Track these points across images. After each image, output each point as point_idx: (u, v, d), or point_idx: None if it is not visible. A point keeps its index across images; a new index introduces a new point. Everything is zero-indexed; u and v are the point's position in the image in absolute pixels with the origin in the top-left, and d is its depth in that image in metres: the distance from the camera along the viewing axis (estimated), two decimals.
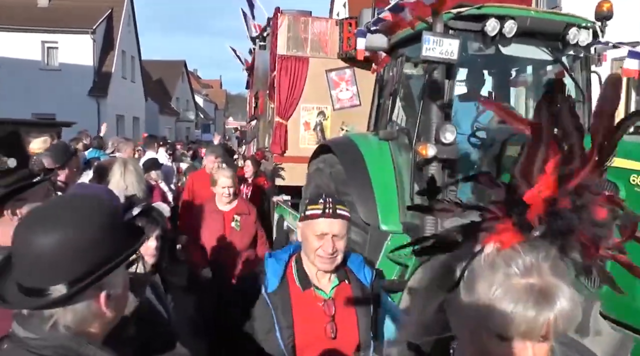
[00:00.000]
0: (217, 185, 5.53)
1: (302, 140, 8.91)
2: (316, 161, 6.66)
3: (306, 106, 8.88)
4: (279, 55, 8.71)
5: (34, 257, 1.29)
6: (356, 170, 5.87)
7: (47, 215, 1.37)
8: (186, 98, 54.61)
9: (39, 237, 1.29)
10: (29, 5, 31.94)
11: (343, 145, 6.22)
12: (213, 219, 5.53)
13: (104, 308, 1.37)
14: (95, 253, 1.33)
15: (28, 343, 1.30)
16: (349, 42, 8.75)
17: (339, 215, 2.44)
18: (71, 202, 1.49)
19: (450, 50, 4.83)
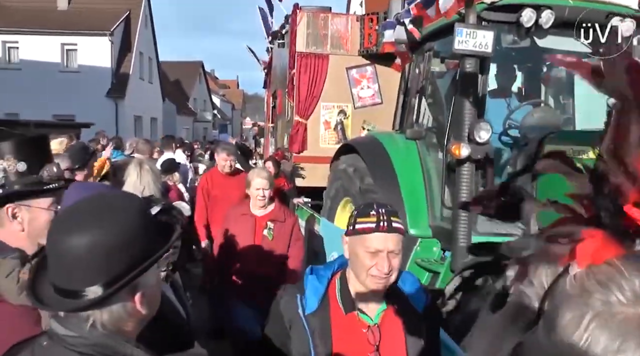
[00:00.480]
0: (251, 187, 4.86)
1: (322, 140, 8.57)
2: (339, 161, 6.32)
3: (326, 104, 8.54)
4: (298, 53, 8.38)
5: (69, 259, 1.28)
6: (382, 171, 5.52)
7: (81, 215, 1.35)
8: (203, 99, 54.46)
9: (73, 238, 1.27)
10: (48, 9, 31.99)
11: (368, 144, 5.86)
12: (242, 223, 4.84)
13: (139, 307, 1.37)
14: (130, 253, 1.32)
15: (67, 341, 1.30)
16: (370, 38, 8.40)
17: (394, 229, 2.07)
18: (103, 201, 1.46)
19: (484, 43, 4.48)
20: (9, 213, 2.08)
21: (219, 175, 6.44)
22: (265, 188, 4.80)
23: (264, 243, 4.77)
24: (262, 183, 4.80)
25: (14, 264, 1.99)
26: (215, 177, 6.43)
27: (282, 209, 5.08)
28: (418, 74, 5.99)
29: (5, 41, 30.81)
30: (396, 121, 6.30)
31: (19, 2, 31.90)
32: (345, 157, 6.16)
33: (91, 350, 1.30)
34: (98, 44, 30.97)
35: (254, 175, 4.92)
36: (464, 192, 4.65)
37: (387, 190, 5.37)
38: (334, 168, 6.42)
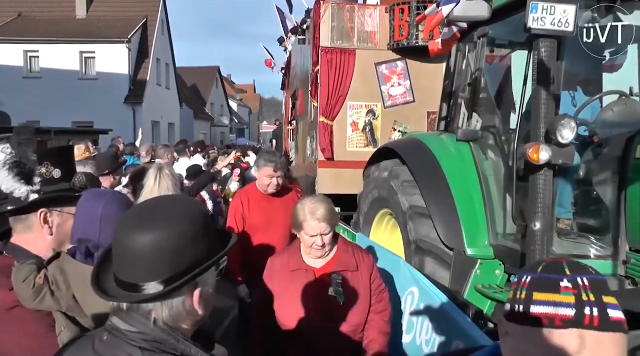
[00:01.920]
0: (304, 230, 3.04)
1: (349, 143, 7.57)
2: (375, 168, 5.32)
3: (354, 104, 7.53)
4: (322, 48, 7.38)
5: (133, 254, 1.31)
6: (431, 179, 4.51)
7: (148, 214, 1.38)
8: (220, 104, 53.75)
9: (139, 235, 1.31)
10: (68, 18, 32.02)
11: (411, 148, 4.86)
12: (295, 283, 3.10)
13: (197, 305, 1.37)
14: (193, 253, 1.34)
15: (128, 336, 1.31)
16: (401, 30, 7.38)
17: (612, 325, 1.09)
18: (170, 203, 1.50)
19: (564, 20, 3.47)
20: (41, 218, 2.09)
21: (258, 195, 4.46)
22: (325, 233, 3.00)
23: (333, 308, 3.03)
24: (319, 228, 2.98)
25: (30, 270, 1.96)
26: (254, 198, 4.47)
27: (350, 250, 3.22)
28: (468, 65, 4.98)
29: (26, 51, 30.69)
30: (441, 121, 5.28)
31: (40, 12, 32.15)
32: (382, 163, 5.16)
33: (151, 345, 1.30)
34: (116, 51, 30.69)
35: (305, 213, 3.02)
36: (541, 204, 3.63)
37: (438, 202, 4.37)
38: (369, 175, 5.43)
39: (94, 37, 30.32)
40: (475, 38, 4.71)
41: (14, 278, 1.96)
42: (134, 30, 31.21)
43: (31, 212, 2.10)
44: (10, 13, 31.95)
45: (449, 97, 5.20)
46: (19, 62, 30.29)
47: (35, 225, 2.11)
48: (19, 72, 30.02)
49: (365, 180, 5.52)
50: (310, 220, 2.97)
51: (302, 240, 3.12)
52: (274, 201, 4.39)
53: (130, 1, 33.09)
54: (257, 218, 4.39)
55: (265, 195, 4.38)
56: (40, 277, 1.93)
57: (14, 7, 32.26)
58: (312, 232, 2.98)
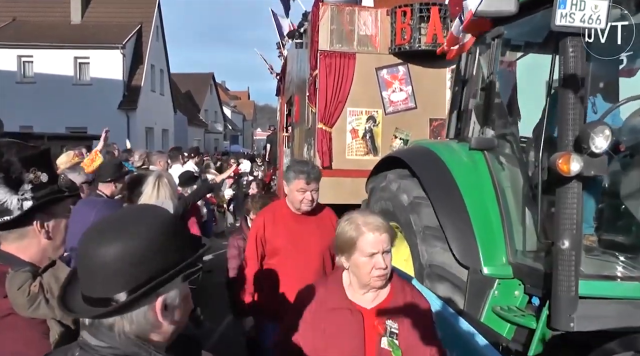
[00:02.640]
0: (362, 244, 2.32)
1: (348, 150, 7.14)
2: (380, 178, 4.89)
3: (353, 110, 7.11)
4: (321, 51, 6.97)
5: (92, 267, 1.29)
6: (444, 193, 4.09)
7: (110, 226, 1.36)
8: (214, 110, 53.17)
9: (98, 247, 1.29)
10: (62, 23, 31.50)
11: (420, 157, 4.43)
12: (335, 326, 2.37)
13: (161, 317, 1.33)
14: (154, 262, 1.30)
15: (99, 351, 1.30)
16: (403, 33, 6.97)
17: None
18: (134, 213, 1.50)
19: (595, 16, 3.09)
20: (38, 225, 2.04)
21: (287, 213, 3.65)
22: (387, 249, 2.33)
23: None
24: (381, 242, 2.31)
25: (25, 277, 1.92)
26: (281, 217, 3.65)
27: (406, 289, 2.51)
28: (479, 68, 4.58)
29: (20, 55, 30.11)
30: (451, 127, 4.86)
31: (35, 17, 31.51)
32: (389, 174, 4.73)
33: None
34: (110, 57, 30.12)
35: (358, 226, 2.32)
36: (569, 220, 3.22)
37: (451, 217, 3.95)
38: (373, 185, 5.00)
39: (89, 43, 29.80)
40: (489, 39, 4.31)
41: (8, 286, 1.93)
42: (128, 36, 30.70)
43: (26, 220, 2.04)
44: (4, 17, 31.40)
45: (458, 102, 4.79)
46: (12, 67, 29.70)
47: (29, 231, 2.05)
48: (12, 76, 29.47)
49: (369, 191, 5.08)
50: (367, 232, 2.27)
51: (354, 268, 2.35)
52: (306, 221, 3.55)
53: (126, 7, 32.58)
54: (284, 242, 3.59)
55: (295, 214, 3.58)
56: (35, 285, 1.91)
57: (8, 11, 31.70)
58: (372, 249, 2.26)
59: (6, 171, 1.99)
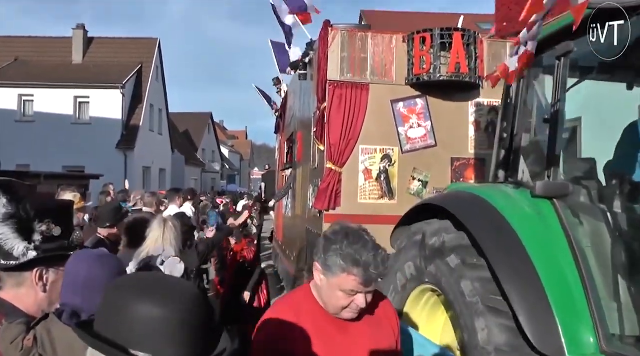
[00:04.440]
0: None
1: (360, 193, 6.05)
2: (414, 231, 3.77)
3: (366, 148, 6.06)
4: (330, 82, 5.95)
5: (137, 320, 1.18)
6: (504, 250, 2.98)
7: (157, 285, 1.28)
8: (212, 150, 52.27)
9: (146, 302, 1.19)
10: (64, 63, 31.06)
11: (469, 205, 3.34)
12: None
13: None
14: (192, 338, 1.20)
15: None
16: (422, 62, 5.99)
17: None
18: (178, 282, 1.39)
19: None
20: (37, 275, 1.98)
21: (319, 315, 2.10)
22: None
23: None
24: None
25: (19, 331, 1.82)
26: (311, 321, 2.07)
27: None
28: (535, 96, 3.56)
29: (21, 94, 29.57)
30: (498, 168, 3.79)
31: (37, 57, 31.12)
32: (425, 225, 3.63)
33: None
34: (110, 97, 29.48)
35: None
36: None
37: (517, 282, 2.83)
38: (404, 239, 3.88)
39: (89, 82, 29.19)
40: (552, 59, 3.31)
41: (1, 338, 1.80)
42: (128, 76, 30.15)
43: (26, 269, 1.96)
44: (7, 57, 31.04)
45: (509, 137, 3.73)
46: (13, 106, 29.12)
47: (27, 281, 1.98)
48: (12, 115, 28.84)
49: (397, 246, 3.97)
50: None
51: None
52: (352, 328, 2.10)
53: (127, 47, 32.14)
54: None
55: (332, 316, 2.09)
56: (29, 339, 1.80)
57: (11, 51, 31.39)
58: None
59: (20, 218, 1.94)
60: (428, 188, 6.18)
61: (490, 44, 6.39)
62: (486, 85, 6.35)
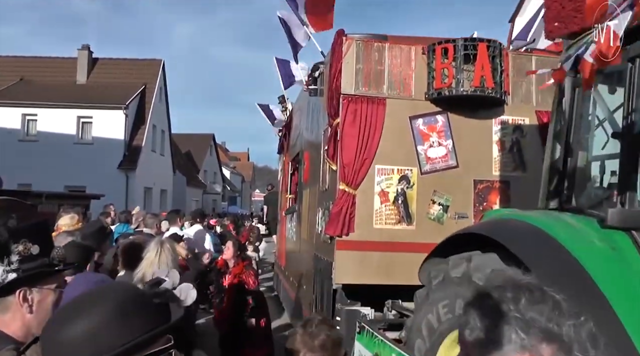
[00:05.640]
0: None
1: (376, 218, 5.40)
2: (452, 264, 3.12)
3: (383, 168, 5.43)
4: (344, 96, 5.36)
5: (57, 349, 1.27)
6: (577, 296, 2.32)
7: (67, 309, 1.35)
8: (214, 171, 51.68)
9: (61, 330, 1.28)
10: (68, 83, 30.71)
11: (525, 238, 2.69)
12: None
13: None
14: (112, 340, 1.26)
15: None
16: (443, 76, 5.40)
17: None
18: (90, 294, 1.42)
19: None
20: (20, 297, 1.92)
21: None
22: None
23: None
24: None
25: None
26: None
27: None
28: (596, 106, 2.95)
29: (25, 114, 29.15)
30: (551, 192, 3.15)
31: (41, 77, 30.85)
32: (467, 258, 2.98)
33: None
34: (113, 117, 29.07)
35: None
36: None
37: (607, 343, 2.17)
38: (439, 273, 3.22)
39: (93, 103, 28.81)
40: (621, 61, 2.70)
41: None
42: (132, 97, 29.73)
43: (10, 292, 1.89)
44: (13, 77, 30.80)
45: (562, 157, 3.11)
46: (16, 125, 28.76)
47: (13, 304, 1.91)
48: (15, 134, 28.47)
49: (429, 281, 3.31)
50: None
51: None
52: None
53: (131, 68, 31.87)
54: None
55: None
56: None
57: (17, 71, 31.16)
58: None
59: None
60: (449, 213, 5.55)
61: (514, 57, 5.82)
62: (511, 101, 5.77)
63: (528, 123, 5.86)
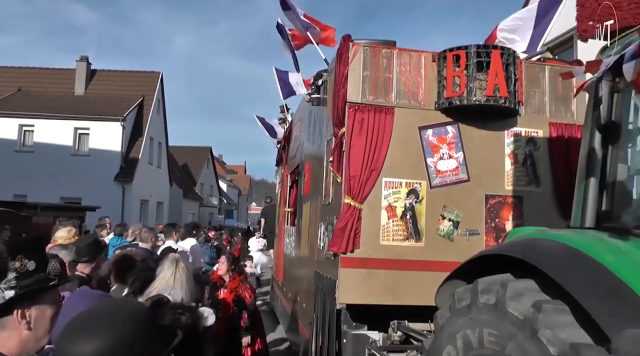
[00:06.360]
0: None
1: (383, 233, 5.03)
2: (483, 290, 2.73)
3: (390, 181, 5.08)
4: (350, 104, 5.02)
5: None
6: None
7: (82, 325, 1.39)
8: (210, 184, 51.25)
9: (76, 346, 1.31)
10: (66, 94, 30.57)
11: (566, 262, 2.32)
12: None
13: None
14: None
15: None
16: (454, 84, 5.08)
17: None
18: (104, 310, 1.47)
19: None
20: (19, 315, 1.88)
21: None
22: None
23: None
24: None
25: None
26: None
27: None
28: None
29: (22, 124, 28.90)
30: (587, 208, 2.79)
31: (39, 88, 30.69)
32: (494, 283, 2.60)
33: None
34: (110, 129, 28.79)
35: None
36: None
37: None
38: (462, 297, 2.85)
39: (90, 114, 28.56)
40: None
41: None
42: (130, 109, 29.49)
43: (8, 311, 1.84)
44: (11, 87, 30.60)
45: (599, 169, 2.76)
46: (13, 136, 28.40)
47: (10, 322, 1.86)
48: (11, 145, 28.09)
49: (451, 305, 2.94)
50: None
51: None
52: None
53: (129, 80, 31.65)
54: None
55: None
56: None
57: (15, 81, 30.97)
58: None
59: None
60: (459, 230, 5.19)
61: (527, 66, 5.51)
62: (523, 112, 5.45)
63: (541, 136, 5.53)
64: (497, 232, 5.28)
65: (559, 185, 5.46)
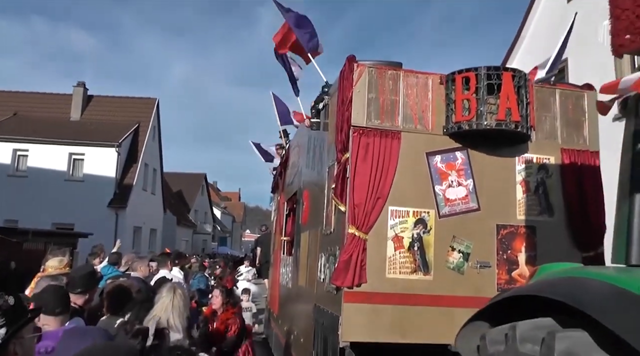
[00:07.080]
0: None
1: (389, 266, 4.65)
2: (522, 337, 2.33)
3: (397, 210, 4.72)
4: (354, 128, 4.70)
5: None
6: None
7: None
8: (204, 211, 50.69)
9: None
10: (62, 119, 30.36)
11: (618, 307, 1.97)
12: None
13: None
14: None
15: None
16: (465, 108, 4.78)
17: None
18: None
19: None
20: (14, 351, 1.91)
21: None
22: None
23: None
24: None
25: None
26: None
27: None
28: None
29: (16, 149, 28.53)
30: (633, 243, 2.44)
31: (35, 112, 30.49)
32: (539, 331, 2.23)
33: None
34: (105, 155, 28.52)
35: None
36: None
37: None
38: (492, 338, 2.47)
39: (85, 140, 28.32)
40: None
41: None
42: (125, 135, 29.24)
43: (4, 350, 1.89)
44: (6, 111, 30.34)
45: None
46: (6, 160, 28.06)
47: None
48: (4, 169, 27.71)
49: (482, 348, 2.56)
50: None
51: None
52: None
53: (125, 106, 31.51)
54: None
55: None
56: None
57: (11, 106, 30.72)
58: None
59: None
60: (470, 262, 4.83)
61: (537, 90, 5.25)
62: (535, 137, 5.16)
63: (553, 162, 5.23)
64: (509, 264, 4.92)
65: (573, 214, 5.13)
